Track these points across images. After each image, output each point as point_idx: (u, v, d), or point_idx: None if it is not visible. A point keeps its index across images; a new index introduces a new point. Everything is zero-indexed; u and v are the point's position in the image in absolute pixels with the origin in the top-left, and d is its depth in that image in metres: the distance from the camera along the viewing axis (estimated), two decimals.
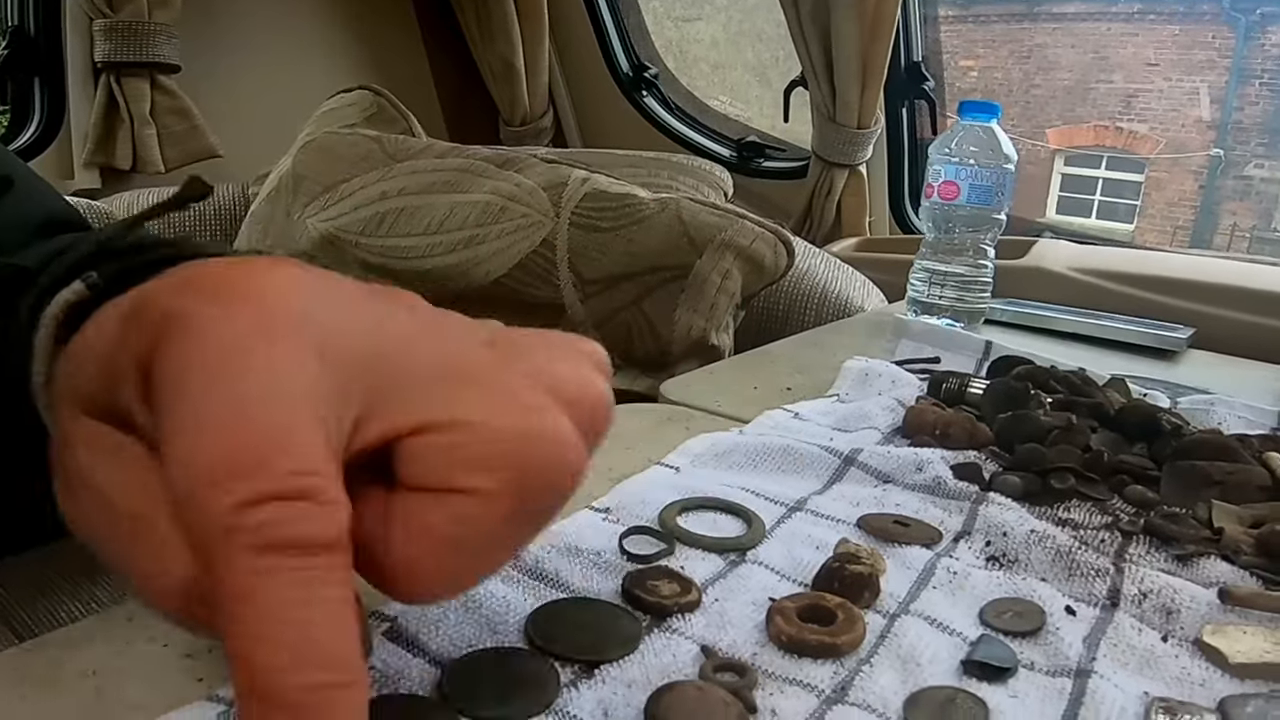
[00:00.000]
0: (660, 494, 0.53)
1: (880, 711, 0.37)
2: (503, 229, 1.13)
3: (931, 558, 0.48)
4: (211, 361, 0.26)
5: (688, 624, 0.41)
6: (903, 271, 1.12)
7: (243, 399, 0.25)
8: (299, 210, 1.20)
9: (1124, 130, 6.88)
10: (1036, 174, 6.59)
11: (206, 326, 0.26)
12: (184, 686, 0.36)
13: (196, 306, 0.27)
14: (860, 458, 0.59)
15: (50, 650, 0.38)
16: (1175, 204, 6.88)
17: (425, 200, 1.16)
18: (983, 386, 0.71)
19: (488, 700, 0.36)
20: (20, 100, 1.66)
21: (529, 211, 1.13)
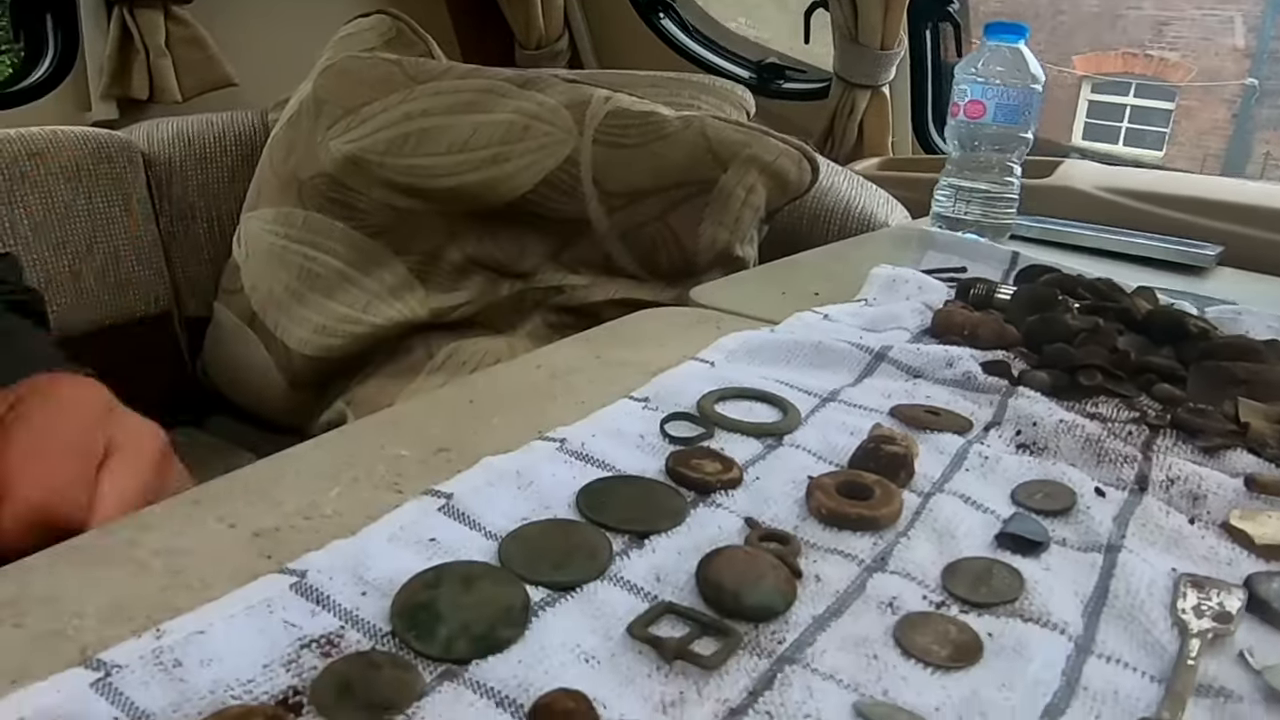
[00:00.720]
0: (697, 385, 0.54)
1: (919, 579, 0.38)
2: (526, 147, 1.13)
3: (963, 444, 0.49)
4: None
5: (730, 499, 0.43)
6: (926, 189, 1.12)
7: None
8: (321, 134, 1.19)
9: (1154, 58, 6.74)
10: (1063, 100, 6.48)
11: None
12: (254, 562, 0.38)
13: None
14: (891, 354, 0.59)
15: (122, 533, 0.40)
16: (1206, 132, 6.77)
17: (448, 120, 1.15)
18: (1010, 292, 0.71)
19: (544, 567, 0.37)
20: (33, 37, 1.65)
21: (552, 130, 1.13)
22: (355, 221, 1.16)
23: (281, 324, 1.16)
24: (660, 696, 0.31)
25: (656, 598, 0.36)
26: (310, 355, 1.14)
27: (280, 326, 1.16)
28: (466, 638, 0.33)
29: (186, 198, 1.32)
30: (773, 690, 0.32)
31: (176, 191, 1.31)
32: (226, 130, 1.40)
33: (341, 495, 0.43)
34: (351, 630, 0.33)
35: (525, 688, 0.31)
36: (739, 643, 0.34)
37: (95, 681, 0.30)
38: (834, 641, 0.34)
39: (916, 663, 0.33)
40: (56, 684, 0.30)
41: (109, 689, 0.30)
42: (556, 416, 0.50)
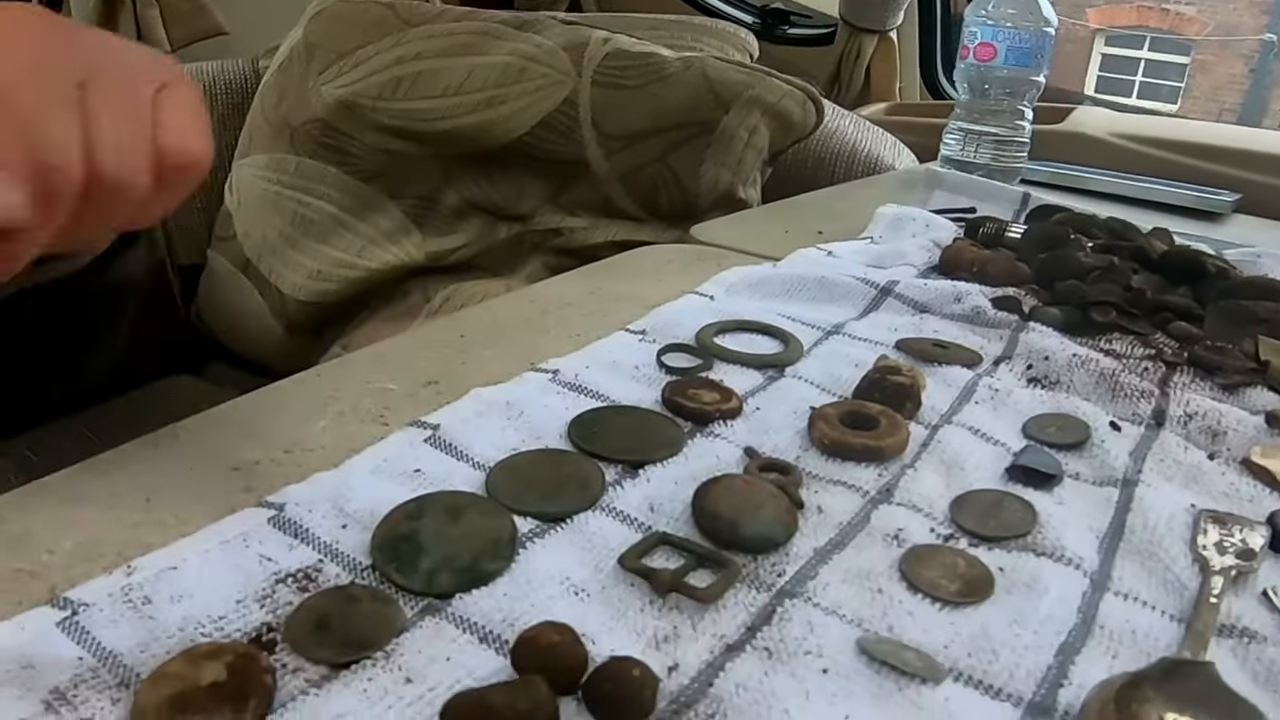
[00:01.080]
0: (696, 317, 0.52)
1: (926, 511, 0.36)
2: (523, 89, 1.10)
3: (972, 377, 0.47)
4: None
5: (729, 429, 0.41)
6: (934, 135, 1.09)
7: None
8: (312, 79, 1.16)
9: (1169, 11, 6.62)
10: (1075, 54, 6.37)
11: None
12: (232, 497, 0.36)
13: None
14: (897, 289, 0.57)
15: (102, 468, 0.38)
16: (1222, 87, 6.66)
17: (443, 64, 1.12)
18: (1021, 231, 0.69)
19: (533, 497, 0.35)
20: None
21: (549, 71, 1.10)
22: (349, 166, 1.13)
23: (276, 270, 1.14)
24: (653, 631, 0.30)
25: (650, 529, 0.34)
26: (305, 301, 1.12)
27: (275, 272, 1.14)
28: (450, 570, 0.31)
29: None
30: (771, 625, 0.30)
31: None
32: (216, 78, 1.37)
33: (326, 429, 0.41)
34: (330, 564, 0.32)
35: (510, 622, 0.29)
36: (736, 575, 0.32)
37: (61, 620, 0.28)
38: (836, 575, 0.33)
39: (924, 597, 0.32)
40: (21, 623, 0.28)
41: (75, 628, 0.28)
42: (549, 349, 0.48)
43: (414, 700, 0.26)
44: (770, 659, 0.29)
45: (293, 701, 0.26)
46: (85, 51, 0.34)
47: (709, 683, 0.28)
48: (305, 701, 0.26)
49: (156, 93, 0.35)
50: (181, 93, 0.36)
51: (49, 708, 0.25)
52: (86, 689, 0.26)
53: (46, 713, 0.25)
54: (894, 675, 0.28)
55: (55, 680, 0.26)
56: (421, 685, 0.27)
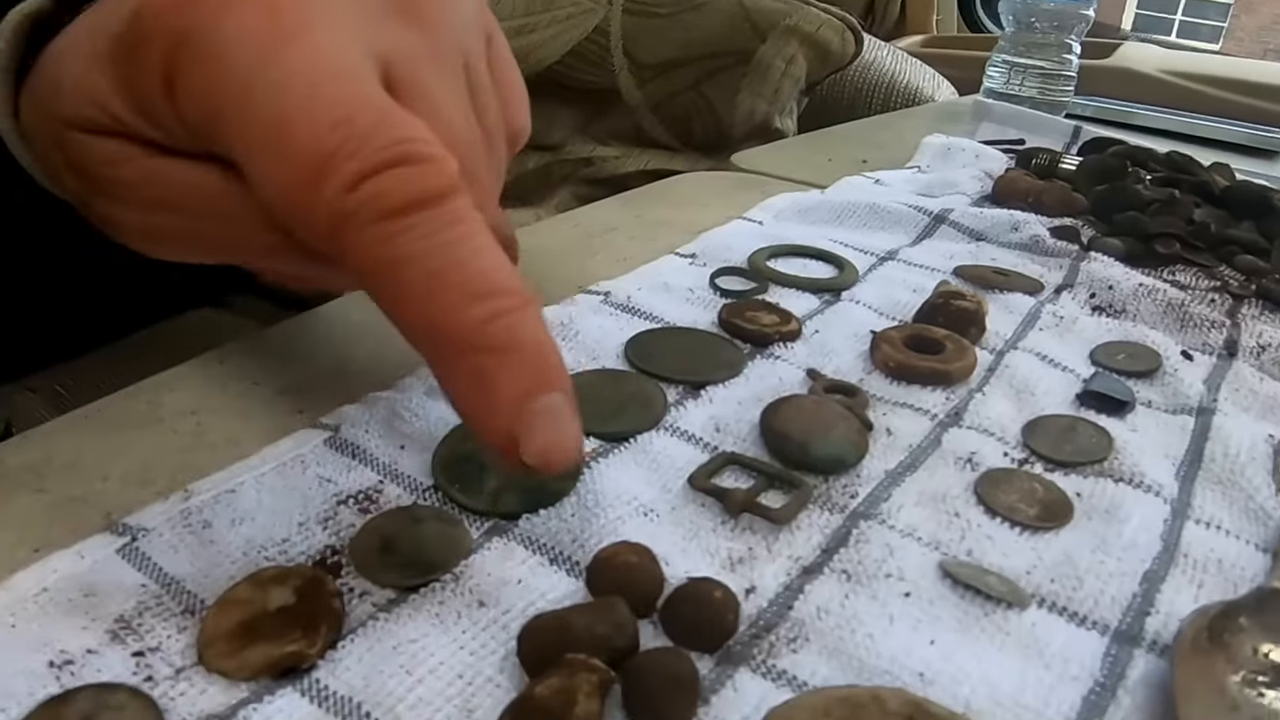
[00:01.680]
0: (746, 242, 0.50)
1: (998, 435, 0.35)
2: (553, 17, 1.07)
3: (1035, 304, 0.46)
4: (257, 69, 0.24)
5: (789, 351, 0.40)
6: (974, 68, 1.06)
7: (308, 91, 0.23)
8: None
9: None
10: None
11: (234, 38, 0.24)
12: (284, 419, 0.35)
13: (214, 20, 0.24)
14: (951, 216, 0.56)
15: (148, 394, 0.37)
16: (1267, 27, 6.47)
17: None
18: (1076, 163, 0.67)
19: (595, 417, 0.34)
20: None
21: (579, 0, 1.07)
22: None
23: None
24: (727, 552, 0.29)
25: (717, 449, 0.33)
26: None
27: None
28: (515, 491, 0.30)
29: None
30: (848, 547, 0.29)
31: None
32: None
33: (373, 351, 0.40)
34: (391, 485, 0.31)
35: (580, 543, 0.28)
36: (809, 496, 0.31)
37: (121, 547, 0.28)
38: (910, 497, 0.32)
39: (1002, 521, 0.31)
40: (80, 551, 0.27)
41: (135, 554, 0.27)
42: (597, 271, 0.47)
43: (488, 624, 0.25)
44: (850, 582, 0.28)
45: (362, 626, 0.25)
46: (453, 14, 0.29)
47: (788, 605, 0.27)
48: (375, 626, 0.25)
49: (488, 51, 0.31)
50: (504, 49, 0.32)
51: (115, 637, 0.25)
52: (151, 617, 0.25)
53: (113, 642, 0.24)
54: (978, 600, 0.28)
55: (119, 608, 0.25)
56: (495, 608, 0.26)
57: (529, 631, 0.24)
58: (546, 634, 0.24)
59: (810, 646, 0.26)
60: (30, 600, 0.25)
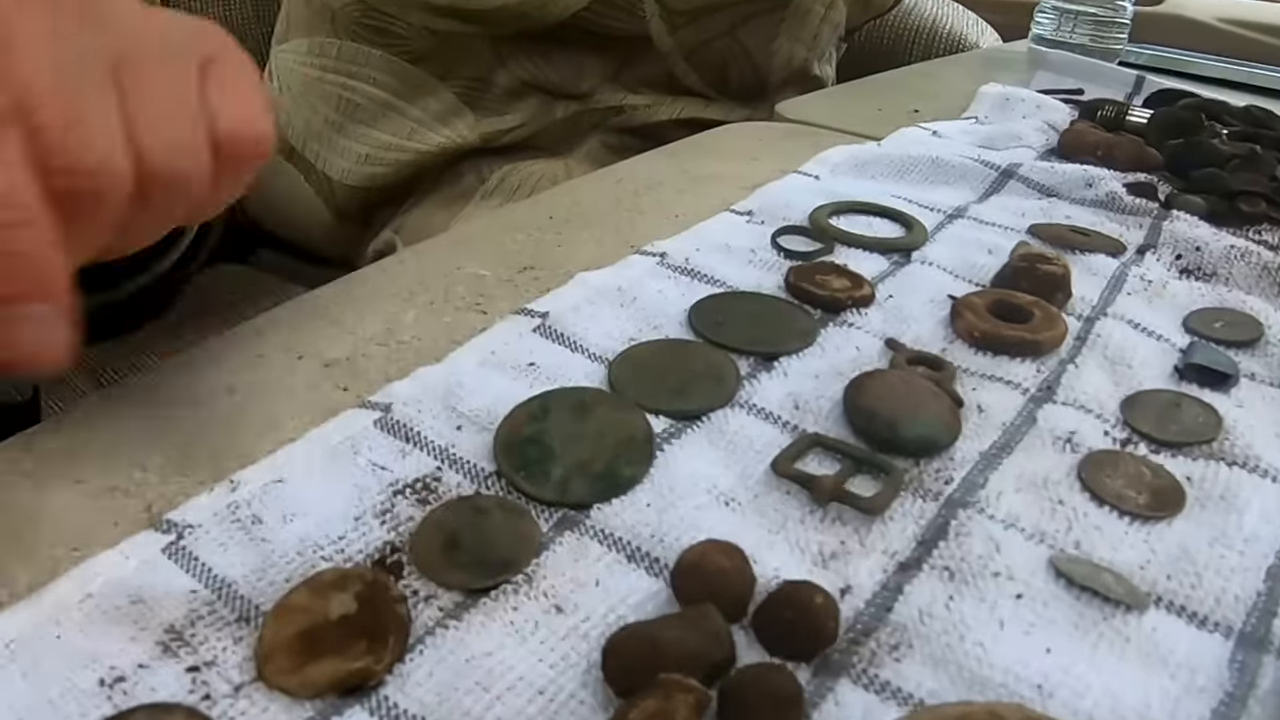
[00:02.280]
0: (805, 198, 0.47)
1: (1097, 412, 0.33)
2: None
3: (1119, 266, 0.43)
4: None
5: (864, 319, 0.37)
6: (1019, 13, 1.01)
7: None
8: None
9: None
10: None
11: None
12: (329, 396, 0.33)
13: None
14: (1020, 171, 0.52)
15: (182, 369, 0.34)
16: None
17: None
18: (1145, 115, 0.63)
19: (663, 393, 0.32)
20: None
21: None
22: (395, 48, 1.07)
23: (322, 155, 1.10)
24: (818, 547, 0.26)
25: (797, 428, 0.31)
26: (354, 185, 1.08)
27: (321, 158, 1.10)
28: (584, 477, 0.28)
29: None
30: (948, 540, 0.27)
31: None
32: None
33: (419, 319, 0.38)
34: (450, 471, 0.29)
35: (659, 538, 0.26)
36: (901, 481, 0.28)
37: (167, 546, 0.25)
38: (1009, 482, 0.29)
39: (1110, 510, 0.28)
40: (125, 551, 0.25)
41: (183, 554, 0.25)
42: (649, 231, 0.45)
43: (568, 633, 0.23)
44: (953, 580, 0.26)
45: (431, 636, 0.23)
46: (113, 25, 0.28)
47: (887, 607, 0.25)
48: (445, 635, 0.23)
49: (203, 69, 0.29)
50: (231, 65, 0.31)
51: (167, 650, 0.23)
52: (205, 627, 0.23)
53: (165, 655, 0.22)
54: (1094, 601, 0.25)
55: (170, 617, 0.23)
56: (574, 615, 0.24)
57: (615, 646, 0.22)
58: (635, 650, 0.21)
59: (914, 654, 0.24)
60: (75, 608, 0.23)
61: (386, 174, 1.06)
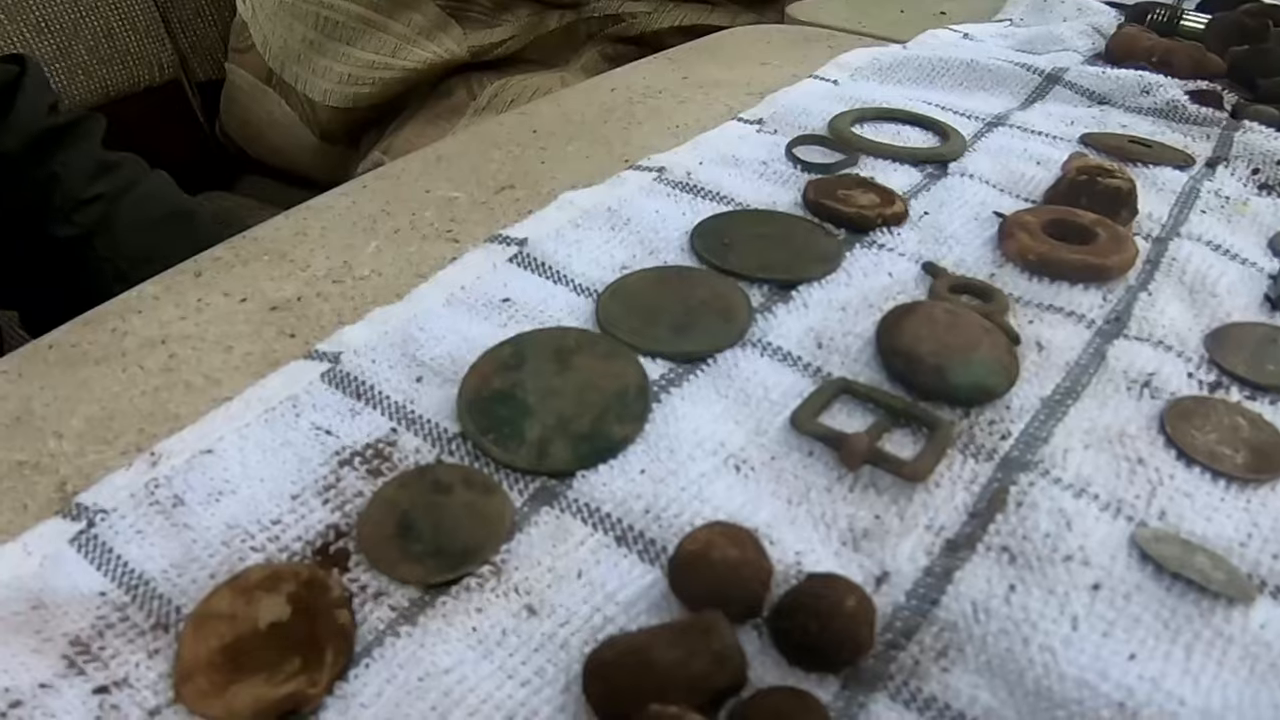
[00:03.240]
0: (823, 105, 0.42)
1: (1177, 350, 0.28)
2: None
3: (1189, 180, 0.37)
4: None
5: (897, 239, 0.32)
6: None
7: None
8: None
9: None
10: None
11: None
12: (273, 345, 0.28)
13: None
14: (1067, 76, 0.46)
15: (110, 320, 0.30)
16: None
17: None
18: (1201, 21, 0.57)
19: (661, 331, 0.27)
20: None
21: None
22: None
23: (302, 77, 1.04)
24: (847, 522, 0.22)
25: (821, 372, 0.26)
26: (337, 107, 1.02)
27: (301, 80, 1.04)
28: (565, 438, 0.23)
29: None
30: (1007, 513, 0.22)
31: None
32: None
33: (380, 250, 0.33)
34: (407, 434, 0.24)
35: (655, 514, 0.21)
36: (949, 439, 0.24)
37: (76, 536, 0.21)
38: (1077, 437, 0.24)
39: (1203, 471, 0.23)
40: (27, 544, 0.21)
41: (94, 545, 0.21)
42: (646, 143, 0.39)
43: (542, 642, 0.19)
44: (1014, 565, 0.21)
45: (379, 646, 0.19)
46: None
47: (932, 600, 0.20)
48: (397, 646, 0.19)
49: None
50: None
51: (71, 665, 0.19)
52: (115, 637, 0.19)
53: (69, 671, 0.19)
54: (1189, 592, 0.20)
55: (76, 626, 0.19)
56: (550, 619, 0.19)
57: (600, 668, 0.17)
58: (624, 673, 0.17)
59: (966, 661, 0.19)
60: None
61: (371, 93, 1.00)
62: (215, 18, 1.20)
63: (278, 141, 1.09)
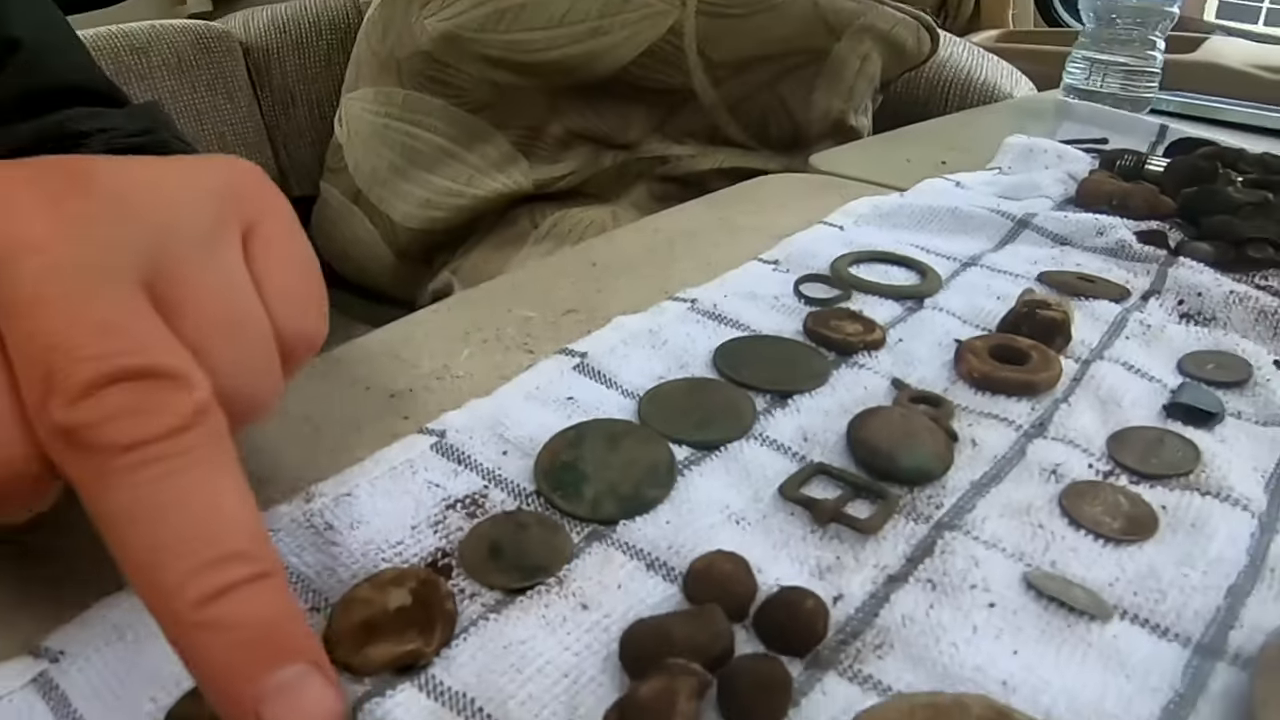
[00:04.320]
0: (828, 248, 0.51)
1: (1084, 447, 0.36)
2: (626, 19, 1.08)
3: (1121, 311, 0.46)
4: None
5: (874, 360, 0.41)
6: (1053, 63, 1.05)
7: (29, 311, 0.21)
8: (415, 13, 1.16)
9: None
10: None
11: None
12: (393, 423, 0.37)
13: None
14: (1035, 220, 0.56)
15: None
16: None
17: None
18: (1163, 164, 0.66)
19: (686, 425, 0.36)
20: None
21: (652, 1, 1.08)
22: (455, 98, 1.14)
23: (386, 199, 1.16)
24: (815, 560, 0.30)
25: (805, 458, 0.34)
26: (415, 228, 1.14)
27: (385, 201, 1.16)
28: (613, 498, 0.32)
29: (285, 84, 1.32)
30: (933, 557, 0.30)
31: (275, 79, 1.32)
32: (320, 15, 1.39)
33: (472, 356, 0.42)
34: (495, 490, 0.33)
35: (676, 549, 0.30)
36: (895, 506, 0.32)
37: None
38: (995, 509, 0.32)
39: (1086, 534, 0.31)
40: None
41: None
42: (683, 278, 0.48)
43: (591, 626, 0.27)
44: (934, 591, 0.29)
45: (474, 626, 0.27)
46: (132, 223, 0.23)
47: (874, 613, 0.28)
48: (486, 626, 0.27)
49: (246, 243, 0.26)
50: (279, 234, 0.27)
51: None
52: None
53: None
54: (1061, 612, 0.28)
55: None
56: (597, 612, 0.28)
57: (631, 636, 0.26)
58: (648, 639, 0.25)
59: (895, 653, 0.27)
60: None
61: (446, 218, 1.12)
62: (314, 138, 1.34)
63: (360, 257, 1.22)
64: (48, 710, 0.25)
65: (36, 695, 0.25)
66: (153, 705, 0.25)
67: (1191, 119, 0.98)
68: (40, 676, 0.25)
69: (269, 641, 0.20)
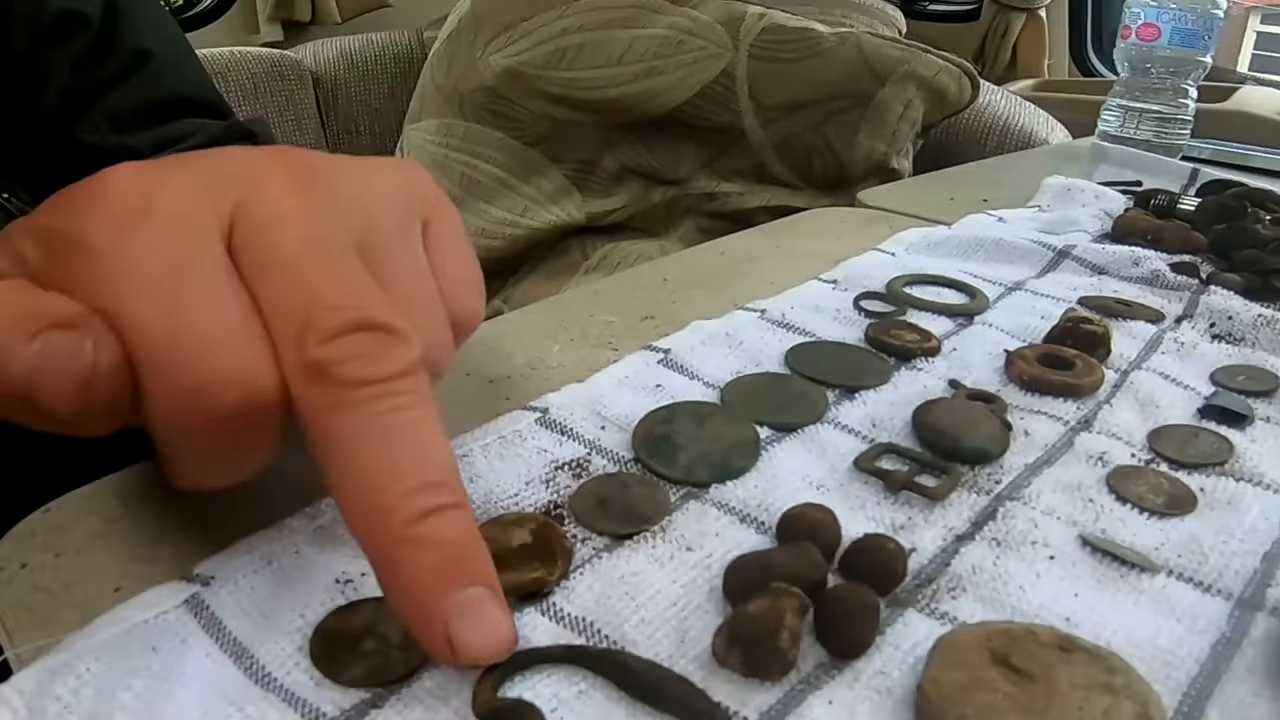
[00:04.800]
0: (883, 270, 0.55)
1: (1126, 440, 0.39)
2: (681, 60, 1.14)
3: (1156, 331, 0.50)
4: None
5: (931, 365, 0.44)
6: (1087, 111, 1.09)
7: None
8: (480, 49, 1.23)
9: None
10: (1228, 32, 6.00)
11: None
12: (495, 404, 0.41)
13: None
14: (1074, 251, 0.60)
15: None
16: None
17: (604, 35, 1.18)
18: (1194, 204, 0.70)
19: (766, 410, 0.40)
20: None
21: (706, 44, 1.14)
22: (514, 132, 1.20)
23: None
24: (890, 520, 0.34)
25: (874, 440, 0.38)
26: None
27: None
28: (705, 465, 0.36)
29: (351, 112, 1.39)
30: (996, 521, 0.34)
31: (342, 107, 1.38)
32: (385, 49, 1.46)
33: (562, 351, 0.46)
34: (597, 457, 0.37)
35: (765, 507, 0.34)
36: (960, 478, 0.36)
37: None
38: (1048, 485, 0.36)
39: (1132, 507, 0.35)
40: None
41: None
42: (749, 292, 0.53)
43: (696, 564, 0.31)
44: (999, 547, 0.32)
45: (588, 564, 0.31)
46: (351, 207, 0.28)
47: (945, 563, 0.32)
48: (600, 563, 0.31)
49: (425, 235, 0.30)
50: (448, 231, 0.31)
51: None
52: None
53: None
54: (1115, 565, 0.32)
55: None
56: (699, 553, 0.31)
57: (736, 566, 0.29)
58: (752, 568, 0.29)
59: (968, 595, 0.30)
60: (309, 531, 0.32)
61: (501, 247, 1.17)
62: None
63: None
64: (199, 627, 0.28)
65: (189, 614, 0.29)
66: (301, 620, 0.28)
67: (1222, 165, 1.02)
68: (192, 598, 0.29)
69: (461, 562, 0.23)
